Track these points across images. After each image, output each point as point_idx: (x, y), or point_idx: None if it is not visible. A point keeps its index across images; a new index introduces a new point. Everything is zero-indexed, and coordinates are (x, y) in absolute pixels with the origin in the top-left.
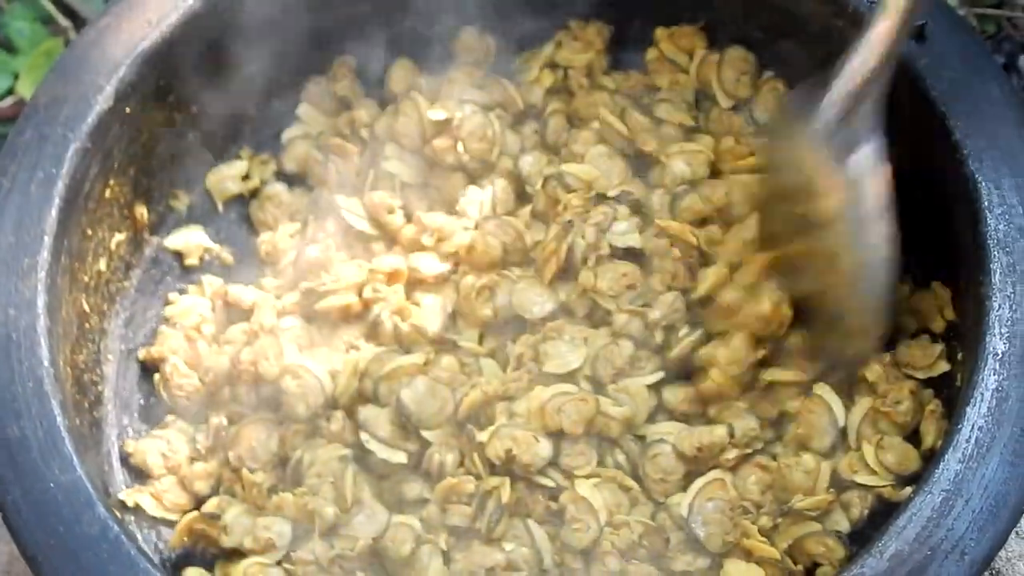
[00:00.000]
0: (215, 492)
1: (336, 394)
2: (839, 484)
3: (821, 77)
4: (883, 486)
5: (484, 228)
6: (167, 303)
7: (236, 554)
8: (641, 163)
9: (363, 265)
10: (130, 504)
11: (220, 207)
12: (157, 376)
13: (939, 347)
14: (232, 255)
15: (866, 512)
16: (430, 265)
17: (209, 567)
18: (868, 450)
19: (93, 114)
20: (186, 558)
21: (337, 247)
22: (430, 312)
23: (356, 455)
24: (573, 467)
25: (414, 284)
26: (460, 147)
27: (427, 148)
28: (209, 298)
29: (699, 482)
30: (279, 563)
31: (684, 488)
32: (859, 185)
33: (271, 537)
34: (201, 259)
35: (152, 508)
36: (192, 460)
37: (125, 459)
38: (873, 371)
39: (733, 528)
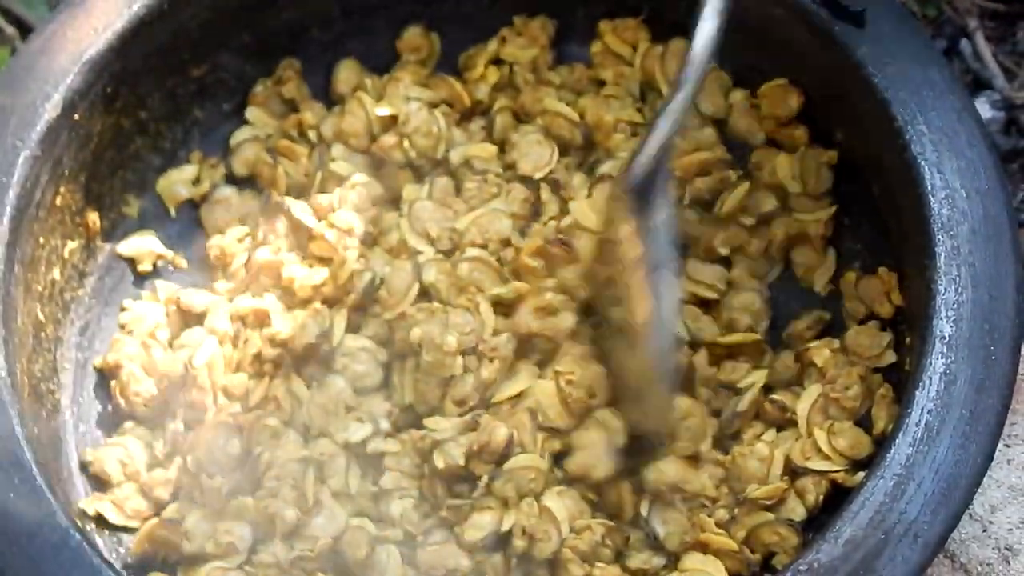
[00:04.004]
0: (175, 498)
1: None
2: (793, 472)
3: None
4: (837, 471)
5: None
6: (122, 310)
7: (198, 559)
8: (588, 152)
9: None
10: (91, 512)
11: (172, 212)
12: (113, 383)
13: (887, 336)
14: (185, 259)
15: (821, 498)
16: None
17: (172, 573)
18: (820, 435)
19: (42, 122)
20: (148, 564)
21: (288, 248)
22: None
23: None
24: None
25: None
26: (406, 144)
27: (374, 147)
28: (163, 303)
29: None
30: (241, 567)
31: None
32: (654, 236)
33: (232, 541)
34: (154, 265)
35: (113, 516)
36: (151, 467)
37: (84, 467)
38: (822, 357)
39: (691, 528)
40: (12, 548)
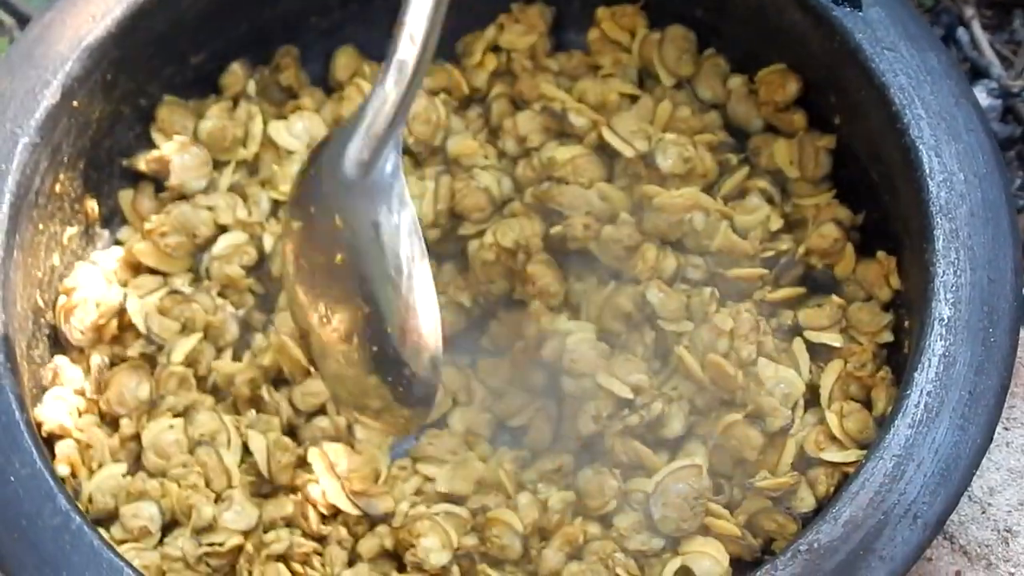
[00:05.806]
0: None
1: None
2: (806, 462)
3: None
4: (851, 463)
5: None
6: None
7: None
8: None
9: None
10: (63, 474)
11: None
12: (60, 305)
13: (887, 316)
14: None
15: (832, 489)
16: None
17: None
18: (832, 419)
19: (41, 109)
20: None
21: None
22: None
23: None
24: None
25: None
26: (404, 130)
27: None
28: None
29: (674, 464)
30: (156, 547)
31: None
32: (385, 227)
33: (144, 524)
34: None
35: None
36: (80, 413)
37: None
38: (834, 337)
39: (692, 517)
40: (13, 532)
